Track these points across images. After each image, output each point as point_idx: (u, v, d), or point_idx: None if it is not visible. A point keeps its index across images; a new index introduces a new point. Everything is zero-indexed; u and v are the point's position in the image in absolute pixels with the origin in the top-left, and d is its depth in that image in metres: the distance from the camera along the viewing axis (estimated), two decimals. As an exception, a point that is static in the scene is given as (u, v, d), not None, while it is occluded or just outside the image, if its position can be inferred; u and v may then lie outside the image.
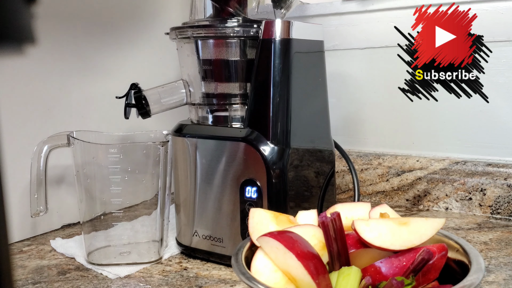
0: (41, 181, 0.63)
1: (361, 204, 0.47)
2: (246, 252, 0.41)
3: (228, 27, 0.60)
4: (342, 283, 0.37)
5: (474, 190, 0.77)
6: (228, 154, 0.59)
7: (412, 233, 0.39)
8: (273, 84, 0.58)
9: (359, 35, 0.87)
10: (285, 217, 0.45)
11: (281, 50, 0.58)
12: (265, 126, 0.58)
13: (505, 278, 0.54)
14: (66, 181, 0.77)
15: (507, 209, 0.75)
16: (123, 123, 0.67)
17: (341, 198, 0.89)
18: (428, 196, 0.81)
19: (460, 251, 0.41)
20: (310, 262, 0.36)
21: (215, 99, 0.64)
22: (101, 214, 0.65)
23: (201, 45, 0.63)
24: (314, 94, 0.65)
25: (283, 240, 0.37)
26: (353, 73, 0.89)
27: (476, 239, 0.66)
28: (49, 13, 0.73)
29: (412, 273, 0.36)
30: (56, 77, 0.75)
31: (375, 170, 0.86)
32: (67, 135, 0.63)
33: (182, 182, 0.64)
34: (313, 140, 0.65)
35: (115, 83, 0.82)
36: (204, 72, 0.63)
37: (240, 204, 0.58)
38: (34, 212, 0.63)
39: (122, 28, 0.86)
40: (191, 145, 0.62)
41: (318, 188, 0.66)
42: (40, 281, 0.58)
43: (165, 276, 0.58)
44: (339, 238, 0.39)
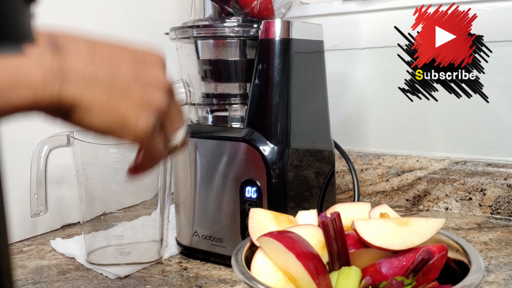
0: (41, 181, 0.63)
1: (361, 204, 0.47)
2: (246, 252, 0.41)
3: (228, 27, 0.60)
4: (342, 283, 0.37)
5: (474, 190, 0.77)
6: (228, 154, 0.59)
7: (412, 233, 0.39)
8: (273, 84, 0.58)
9: (359, 35, 0.87)
10: (285, 217, 0.45)
11: (281, 50, 0.58)
12: (265, 126, 0.58)
13: (505, 278, 0.54)
14: (66, 181, 0.77)
15: (507, 209, 0.75)
16: (123, 123, 0.67)
17: (341, 198, 0.89)
18: (428, 196, 0.81)
19: (460, 251, 0.41)
20: (310, 262, 0.36)
21: (215, 99, 0.64)
22: (101, 214, 0.65)
23: (201, 45, 0.63)
24: (314, 94, 0.65)
25: (283, 240, 0.37)
26: (353, 73, 0.89)
27: (476, 239, 0.66)
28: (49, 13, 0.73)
29: (412, 273, 0.36)
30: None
31: (375, 170, 0.86)
32: (67, 135, 0.63)
33: (182, 182, 0.64)
34: (313, 140, 0.65)
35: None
36: (204, 72, 0.63)
37: (240, 204, 0.58)
38: (34, 212, 0.63)
39: (122, 28, 0.86)
40: (191, 145, 0.62)
41: (318, 188, 0.66)
42: (40, 281, 0.58)
43: (165, 276, 0.58)
44: (339, 238, 0.39)
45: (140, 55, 0.36)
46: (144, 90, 0.34)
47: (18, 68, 0.28)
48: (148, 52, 0.37)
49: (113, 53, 0.35)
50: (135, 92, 0.34)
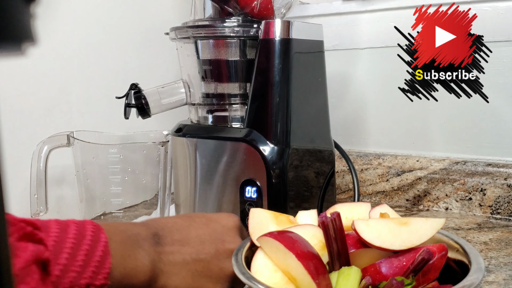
0: (41, 181, 0.63)
1: (361, 204, 0.47)
2: (246, 252, 0.41)
3: (228, 27, 0.60)
4: (342, 283, 0.37)
5: (474, 190, 0.77)
6: (228, 154, 0.59)
7: (412, 233, 0.39)
8: (273, 84, 0.58)
9: (359, 35, 0.87)
10: (285, 217, 0.45)
11: (281, 50, 0.58)
12: (265, 126, 0.58)
13: (505, 278, 0.54)
14: (66, 181, 0.77)
15: (507, 209, 0.75)
16: (123, 123, 0.67)
17: (341, 198, 0.89)
18: (428, 196, 0.81)
19: (460, 251, 0.41)
20: (310, 262, 0.36)
21: (215, 99, 0.64)
22: (101, 214, 0.65)
23: (201, 45, 0.63)
24: (314, 94, 0.65)
25: (283, 240, 0.37)
26: (353, 73, 0.89)
27: (476, 239, 0.66)
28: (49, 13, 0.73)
29: (412, 273, 0.36)
30: (56, 77, 0.75)
31: (375, 170, 0.86)
32: (67, 135, 0.63)
33: (182, 182, 0.64)
34: (313, 140, 0.65)
35: (115, 83, 0.82)
36: (204, 72, 0.63)
37: (240, 204, 0.58)
38: (34, 212, 0.63)
39: (122, 28, 0.86)
40: (191, 145, 0.62)
41: (318, 188, 0.66)
42: (40, 281, 0.58)
43: (165, 276, 0.58)
44: (339, 238, 0.39)
45: (220, 230, 0.43)
46: (221, 262, 0.41)
47: (133, 259, 0.37)
48: (227, 225, 0.44)
49: (199, 233, 0.42)
50: (214, 268, 0.41)
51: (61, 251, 0.33)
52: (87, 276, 0.33)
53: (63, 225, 0.35)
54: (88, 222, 0.36)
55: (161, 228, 0.41)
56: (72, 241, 0.34)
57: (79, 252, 0.34)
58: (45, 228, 0.33)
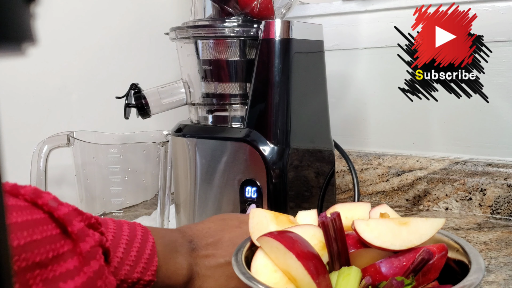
0: (41, 181, 0.63)
1: (361, 204, 0.47)
2: (246, 252, 0.41)
3: (228, 27, 0.60)
4: (342, 283, 0.37)
5: (474, 190, 0.77)
6: (228, 154, 0.59)
7: (412, 233, 0.39)
8: (273, 84, 0.58)
9: (359, 35, 0.87)
10: (285, 217, 0.45)
11: (281, 50, 0.58)
12: (265, 126, 0.58)
13: (505, 278, 0.54)
14: (66, 181, 0.77)
15: (507, 209, 0.75)
16: (123, 123, 0.67)
17: (341, 198, 0.89)
18: (428, 196, 0.81)
19: (460, 251, 0.41)
20: (310, 262, 0.36)
21: (215, 99, 0.64)
22: (101, 214, 0.65)
23: (201, 45, 0.63)
24: (314, 94, 0.65)
25: (283, 240, 0.37)
26: (353, 73, 0.89)
27: (476, 239, 0.66)
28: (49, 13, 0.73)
29: (412, 273, 0.36)
30: (56, 77, 0.75)
31: (375, 170, 0.86)
32: (67, 135, 0.63)
33: (182, 182, 0.64)
34: (313, 140, 0.65)
35: (115, 83, 0.82)
36: (204, 72, 0.63)
37: (240, 204, 0.58)
38: (34, 212, 0.63)
39: (122, 28, 0.86)
40: (191, 145, 0.62)
41: (318, 188, 0.66)
42: (40, 281, 0.58)
43: (165, 276, 0.58)
44: (339, 238, 0.39)
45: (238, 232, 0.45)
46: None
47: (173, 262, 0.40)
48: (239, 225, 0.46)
49: (232, 236, 0.44)
50: None
51: (118, 245, 0.37)
52: (138, 270, 0.37)
53: (118, 223, 0.39)
54: (137, 224, 0.40)
55: (196, 236, 0.44)
56: (126, 238, 0.38)
57: (132, 248, 0.37)
58: (105, 223, 0.37)
